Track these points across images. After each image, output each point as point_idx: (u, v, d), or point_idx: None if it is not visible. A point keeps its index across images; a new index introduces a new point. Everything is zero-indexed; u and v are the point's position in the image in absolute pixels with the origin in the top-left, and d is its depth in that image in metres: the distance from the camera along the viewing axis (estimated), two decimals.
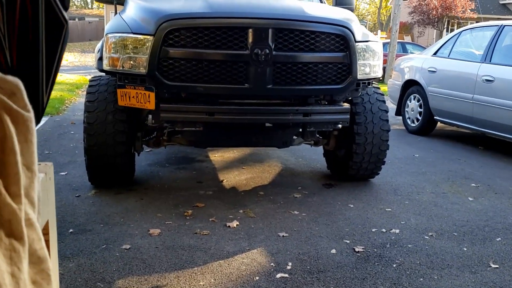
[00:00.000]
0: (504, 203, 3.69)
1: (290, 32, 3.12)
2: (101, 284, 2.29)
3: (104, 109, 3.41)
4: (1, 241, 0.43)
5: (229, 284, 2.32)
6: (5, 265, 0.42)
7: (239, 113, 3.20)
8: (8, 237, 0.44)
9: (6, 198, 0.44)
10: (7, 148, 0.45)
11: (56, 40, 0.57)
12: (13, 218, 0.44)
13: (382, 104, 3.86)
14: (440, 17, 25.85)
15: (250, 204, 3.47)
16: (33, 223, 0.47)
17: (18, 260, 0.44)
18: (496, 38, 5.56)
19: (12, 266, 0.43)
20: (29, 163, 0.48)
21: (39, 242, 0.48)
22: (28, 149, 0.48)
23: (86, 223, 3.02)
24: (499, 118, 5.15)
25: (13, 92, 0.46)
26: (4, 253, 0.43)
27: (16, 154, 0.45)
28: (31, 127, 0.48)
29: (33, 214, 0.48)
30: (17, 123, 0.46)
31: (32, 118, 0.48)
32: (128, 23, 3.22)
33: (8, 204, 0.44)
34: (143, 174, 4.12)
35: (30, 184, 0.48)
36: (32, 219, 0.47)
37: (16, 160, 0.45)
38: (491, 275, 2.50)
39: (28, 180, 0.47)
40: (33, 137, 0.49)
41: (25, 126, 0.47)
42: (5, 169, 0.45)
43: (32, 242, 0.47)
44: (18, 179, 0.45)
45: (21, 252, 0.45)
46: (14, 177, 0.45)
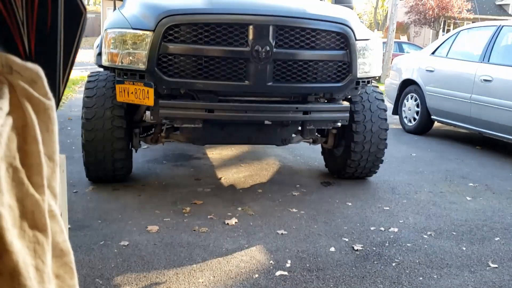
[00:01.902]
0: (502, 203, 3.70)
1: (291, 29, 3.11)
2: (100, 280, 2.27)
3: (102, 104, 3.39)
4: (24, 233, 0.42)
5: (229, 282, 2.31)
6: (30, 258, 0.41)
7: (239, 110, 3.18)
8: (32, 229, 0.43)
9: (29, 189, 0.42)
10: (29, 137, 0.43)
11: (75, 28, 0.56)
12: (36, 210, 0.43)
13: (380, 103, 3.86)
14: (437, 17, 25.92)
15: (248, 201, 3.46)
16: (55, 214, 0.46)
17: (42, 253, 0.43)
18: (495, 38, 5.57)
19: (36, 259, 0.42)
20: (51, 153, 0.46)
21: (61, 235, 0.47)
22: (50, 139, 0.46)
23: (84, 219, 3.00)
24: (497, 118, 5.16)
25: (34, 79, 0.45)
26: (28, 245, 0.42)
27: (38, 144, 0.44)
28: (52, 115, 0.47)
29: (55, 205, 0.46)
30: (38, 112, 0.45)
31: (53, 107, 0.47)
32: (127, 19, 3.19)
33: (31, 195, 0.43)
34: (141, 171, 4.10)
35: (52, 175, 0.46)
36: (54, 210, 0.46)
37: (38, 149, 0.44)
38: (490, 275, 2.50)
39: (50, 171, 0.46)
40: (54, 126, 0.48)
41: (47, 114, 0.46)
42: (28, 159, 0.43)
43: (54, 234, 0.46)
44: (41, 169, 0.44)
45: (45, 245, 0.43)
46: (37, 167, 0.44)
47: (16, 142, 0.42)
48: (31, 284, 0.40)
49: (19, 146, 0.43)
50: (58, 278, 0.46)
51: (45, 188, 0.44)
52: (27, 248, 0.42)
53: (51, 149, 0.46)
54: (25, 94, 0.44)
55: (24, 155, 0.43)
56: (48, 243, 0.44)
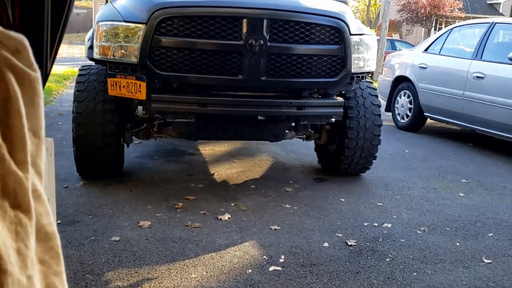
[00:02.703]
0: (494, 199, 3.70)
1: (285, 23, 3.08)
2: (90, 276, 2.23)
3: (93, 98, 3.34)
4: (5, 214, 0.38)
5: (222, 277, 2.28)
6: (11, 240, 0.37)
7: (232, 105, 3.15)
8: (14, 209, 0.39)
9: (11, 165, 0.39)
10: (12, 110, 0.40)
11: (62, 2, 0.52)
12: (18, 188, 0.39)
13: (374, 99, 3.84)
14: (429, 15, 25.99)
15: (241, 197, 3.43)
16: (40, 195, 0.42)
17: (25, 235, 0.39)
18: (487, 35, 5.57)
19: (18, 242, 0.38)
20: (36, 128, 0.43)
21: (47, 217, 0.43)
22: (35, 113, 0.43)
23: (74, 214, 2.96)
24: (489, 115, 5.17)
25: (18, 49, 0.41)
26: (9, 227, 0.38)
27: (21, 117, 0.40)
28: (38, 88, 0.43)
29: (40, 185, 0.43)
30: (22, 84, 0.41)
31: (39, 79, 0.43)
32: (119, 11, 3.15)
33: (14, 172, 0.39)
34: (132, 166, 4.05)
35: (37, 152, 0.43)
36: (39, 190, 0.42)
37: (22, 123, 0.40)
38: (484, 270, 2.49)
39: (34, 147, 0.42)
40: (40, 99, 0.44)
41: (31, 87, 0.42)
42: (10, 134, 0.39)
43: (39, 216, 0.42)
44: (24, 144, 0.40)
45: (28, 227, 0.39)
46: (20, 143, 0.40)
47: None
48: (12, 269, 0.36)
49: (1, 120, 0.39)
50: (42, 264, 0.42)
51: (28, 166, 0.41)
52: (7, 229, 0.38)
53: (36, 124, 0.43)
54: (7, 64, 0.40)
55: (6, 130, 0.39)
56: (31, 225, 0.40)
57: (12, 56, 0.40)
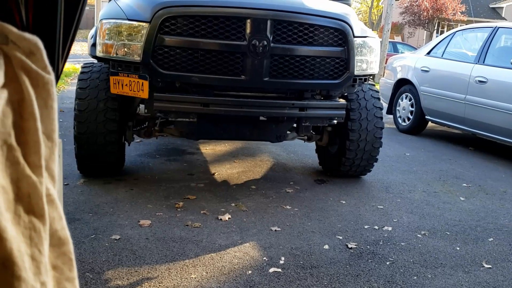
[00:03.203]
0: (495, 204, 3.70)
1: (289, 24, 3.07)
2: (90, 274, 2.23)
3: (95, 96, 3.33)
4: (19, 218, 0.37)
5: (222, 278, 2.28)
6: (25, 246, 0.37)
7: (235, 105, 3.14)
8: (28, 214, 0.38)
9: (25, 169, 0.38)
10: (26, 112, 0.39)
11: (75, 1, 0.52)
12: (33, 192, 0.38)
13: (376, 101, 3.84)
14: (431, 18, 25.98)
15: (242, 197, 3.42)
16: (53, 199, 0.42)
17: (38, 241, 0.38)
18: (490, 39, 5.57)
19: (32, 247, 0.38)
20: (49, 131, 0.42)
21: (60, 222, 0.43)
22: (49, 115, 0.42)
23: (74, 212, 2.95)
24: (491, 119, 5.16)
25: (32, 51, 0.41)
26: (23, 232, 0.37)
27: (36, 120, 0.39)
28: (51, 91, 0.42)
29: (54, 189, 0.42)
30: (36, 86, 0.41)
31: (53, 81, 0.42)
32: (123, 9, 3.14)
33: (28, 176, 0.38)
34: (133, 165, 4.05)
35: (50, 155, 0.42)
36: (52, 194, 0.41)
37: (36, 126, 0.39)
38: (484, 275, 2.49)
39: (48, 151, 0.42)
40: (54, 102, 0.43)
41: (45, 89, 0.42)
42: (24, 137, 0.39)
43: (52, 221, 0.41)
44: (38, 148, 0.40)
45: (42, 232, 0.39)
46: (34, 146, 0.39)
47: (11, 117, 0.38)
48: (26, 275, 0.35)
49: (15, 123, 0.39)
50: (55, 270, 0.42)
51: (43, 170, 0.40)
52: (22, 235, 0.37)
53: (50, 127, 0.42)
54: (22, 66, 0.40)
55: (20, 133, 0.39)
56: (45, 230, 0.39)
57: (26, 58, 0.40)
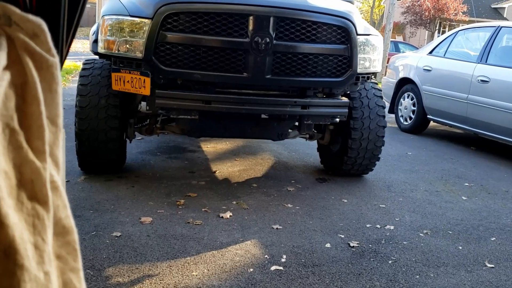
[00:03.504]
0: (497, 203, 3.68)
1: (292, 21, 3.06)
2: (91, 271, 2.22)
3: (97, 93, 3.32)
4: (22, 205, 0.36)
5: (223, 275, 2.27)
6: (28, 233, 0.35)
7: (237, 103, 3.13)
8: (31, 200, 0.37)
9: (28, 154, 0.37)
10: (30, 96, 0.38)
11: None
12: (36, 178, 0.37)
13: (379, 100, 3.82)
14: (433, 18, 25.96)
15: (243, 195, 3.41)
16: (57, 186, 0.40)
17: (42, 229, 0.37)
18: (493, 39, 5.55)
19: (36, 235, 0.36)
20: (54, 116, 0.41)
21: (64, 210, 0.41)
22: (53, 100, 0.41)
23: (75, 209, 2.94)
24: (493, 119, 5.14)
25: (36, 33, 0.39)
26: (26, 219, 0.36)
27: (39, 104, 0.38)
28: (56, 74, 0.41)
29: (58, 176, 0.41)
30: (40, 69, 0.39)
31: (57, 64, 0.41)
32: (125, 5, 3.13)
33: (31, 161, 0.37)
34: (134, 162, 4.04)
35: (54, 141, 0.40)
36: (56, 181, 0.40)
37: (40, 110, 0.38)
38: (487, 275, 2.47)
39: (52, 136, 0.40)
40: (58, 86, 0.42)
41: (50, 72, 0.40)
42: (27, 121, 0.37)
43: (56, 209, 0.40)
44: (42, 133, 0.38)
45: (46, 220, 0.37)
46: (38, 130, 0.38)
47: (14, 100, 0.37)
48: (28, 264, 0.34)
49: (18, 106, 0.37)
50: (59, 259, 0.40)
51: (46, 155, 0.39)
52: (25, 222, 0.36)
53: (54, 112, 0.41)
54: (25, 48, 0.38)
55: (23, 116, 0.37)
56: (49, 217, 0.38)
57: (30, 40, 0.39)
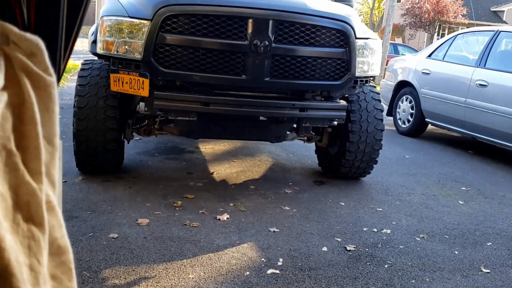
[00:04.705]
0: (494, 208, 3.69)
1: (291, 24, 3.06)
2: (87, 273, 2.22)
3: (95, 93, 3.32)
4: (18, 227, 0.36)
5: (219, 278, 2.27)
6: (23, 255, 0.36)
7: (235, 105, 3.13)
8: (27, 222, 0.37)
9: (24, 176, 0.37)
10: (26, 116, 0.38)
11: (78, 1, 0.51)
12: (32, 200, 0.37)
13: (377, 103, 3.83)
14: (432, 21, 25.98)
15: (240, 197, 3.41)
16: (53, 206, 0.40)
17: (37, 250, 0.37)
18: (492, 43, 5.56)
19: (31, 257, 0.36)
20: (50, 136, 0.41)
21: (60, 230, 0.41)
22: (50, 119, 0.41)
23: (72, 209, 2.94)
24: (491, 123, 5.16)
25: (33, 52, 0.39)
26: (22, 241, 0.36)
27: (36, 124, 0.38)
28: (53, 93, 0.41)
29: (54, 195, 0.41)
30: (37, 88, 0.39)
31: (54, 83, 0.41)
32: (124, 7, 3.13)
33: (27, 183, 0.37)
34: (132, 163, 4.04)
35: (51, 161, 0.41)
36: (52, 201, 0.40)
37: (36, 131, 0.38)
38: (483, 280, 2.48)
39: (49, 156, 0.40)
40: (55, 105, 0.42)
41: (47, 92, 0.40)
42: (24, 142, 0.37)
43: (52, 229, 0.40)
44: (38, 153, 0.38)
45: (41, 241, 0.38)
46: (35, 151, 0.38)
47: (11, 121, 0.37)
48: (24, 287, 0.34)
49: (15, 126, 0.37)
50: (54, 279, 0.40)
51: (43, 176, 0.39)
52: (20, 244, 0.36)
53: (50, 131, 0.41)
54: (23, 67, 0.38)
55: (20, 137, 0.37)
56: (44, 239, 0.38)
57: (27, 59, 0.39)
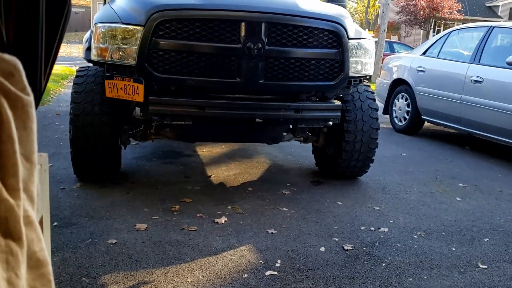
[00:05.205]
0: (491, 204, 3.71)
1: (284, 26, 3.08)
2: (86, 279, 2.23)
3: (91, 100, 3.33)
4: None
5: (218, 281, 2.28)
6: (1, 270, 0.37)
7: (230, 108, 3.15)
8: (5, 237, 0.39)
9: (2, 193, 0.38)
10: (4, 135, 0.39)
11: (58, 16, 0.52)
12: (10, 216, 0.39)
13: (372, 102, 3.85)
14: (427, 17, 26.04)
15: (238, 200, 3.43)
16: (32, 221, 0.42)
17: (15, 264, 0.38)
18: (485, 39, 5.59)
19: (9, 271, 0.38)
20: (28, 153, 0.42)
21: (38, 243, 0.43)
22: (28, 137, 0.42)
23: (71, 216, 2.95)
24: (486, 119, 5.18)
25: (11, 72, 0.41)
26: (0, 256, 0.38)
27: (14, 143, 0.39)
28: (30, 112, 0.43)
29: (32, 211, 0.42)
30: (15, 108, 0.41)
31: (32, 103, 0.43)
32: (117, 13, 3.14)
33: (5, 200, 0.38)
34: (129, 168, 4.05)
35: (29, 177, 0.42)
36: (31, 216, 0.42)
37: (14, 149, 0.39)
38: (480, 276, 2.50)
39: (27, 172, 0.42)
40: (33, 123, 0.43)
41: (24, 111, 0.42)
42: (1, 159, 0.39)
43: (31, 242, 0.42)
44: (16, 170, 0.40)
45: (19, 255, 0.39)
46: (12, 169, 0.39)
47: None
48: None
49: None
50: None
51: (20, 192, 0.40)
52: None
53: (28, 149, 0.42)
54: (1, 88, 0.40)
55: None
56: (22, 253, 0.39)
57: (5, 80, 0.40)
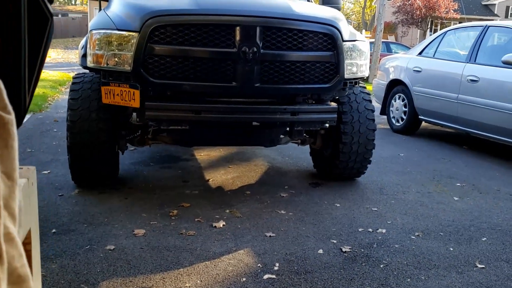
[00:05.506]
0: (489, 203, 3.72)
1: (278, 30, 3.09)
2: (85, 286, 2.23)
3: (87, 107, 3.34)
4: None
5: (216, 286, 2.29)
6: None
7: (226, 112, 3.16)
8: None
9: None
10: None
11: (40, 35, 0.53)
12: None
13: (368, 104, 3.86)
14: (424, 17, 26.11)
15: (236, 203, 3.43)
16: (13, 237, 0.42)
17: None
18: (481, 38, 5.60)
19: None
20: (10, 171, 0.43)
21: (20, 259, 0.43)
22: (9, 155, 0.43)
23: (69, 223, 2.96)
24: (483, 118, 5.19)
25: None
26: None
27: None
28: (12, 130, 0.43)
29: (13, 227, 0.43)
30: None
31: (13, 121, 0.43)
32: (112, 19, 3.15)
33: None
34: (127, 173, 4.06)
35: (10, 194, 0.43)
36: (12, 233, 0.42)
37: None
38: (478, 275, 2.50)
39: (8, 190, 0.43)
40: (14, 141, 0.44)
41: (5, 129, 0.42)
42: None
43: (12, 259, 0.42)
44: None
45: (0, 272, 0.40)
46: None
47: None
48: None
49: None
50: None
51: (1, 210, 0.41)
52: None
53: (10, 167, 0.43)
54: None
55: None
56: (3, 270, 0.40)
57: None
